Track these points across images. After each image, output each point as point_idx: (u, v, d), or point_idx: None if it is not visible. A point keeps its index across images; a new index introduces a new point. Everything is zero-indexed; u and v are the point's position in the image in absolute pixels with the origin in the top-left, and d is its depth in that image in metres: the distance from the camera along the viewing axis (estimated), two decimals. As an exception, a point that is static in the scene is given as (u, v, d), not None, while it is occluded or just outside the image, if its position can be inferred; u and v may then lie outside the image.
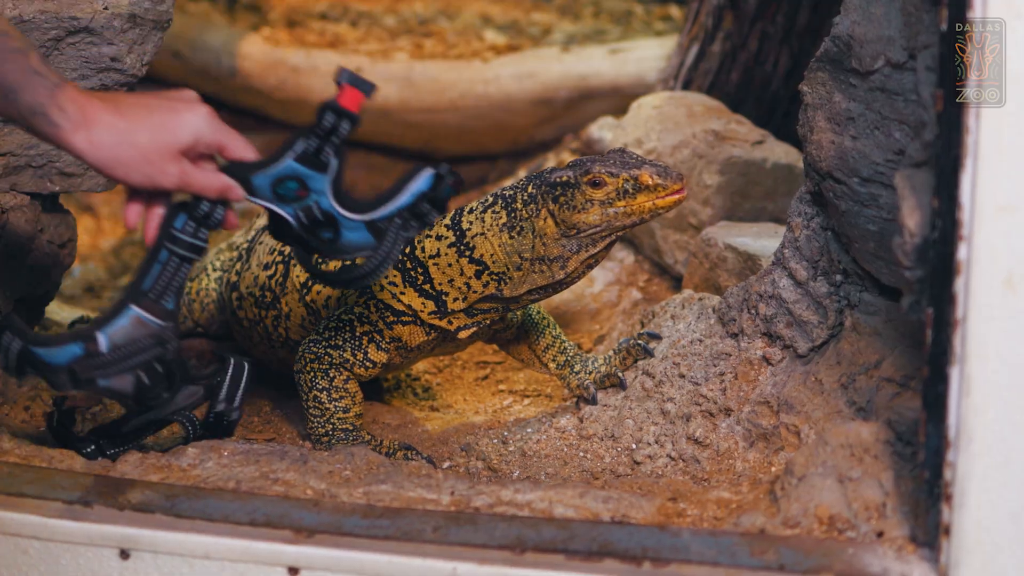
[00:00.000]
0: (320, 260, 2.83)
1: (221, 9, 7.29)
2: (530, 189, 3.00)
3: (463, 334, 3.13)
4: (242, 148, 2.48)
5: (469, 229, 3.06)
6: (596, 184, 2.88)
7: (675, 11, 7.40)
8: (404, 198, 2.57)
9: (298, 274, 3.26)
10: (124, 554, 2.44)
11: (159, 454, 2.74)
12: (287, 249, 3.31)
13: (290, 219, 2.54)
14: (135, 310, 2.51)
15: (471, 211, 3.08)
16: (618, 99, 6.01)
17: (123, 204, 2.49)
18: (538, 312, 3.31)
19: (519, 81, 6.30)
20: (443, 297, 3.09)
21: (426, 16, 7.48)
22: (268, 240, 3.40)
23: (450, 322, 3.11)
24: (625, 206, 2.89)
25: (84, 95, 2.37)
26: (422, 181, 2.57)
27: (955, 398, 2.18)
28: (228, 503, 2.50)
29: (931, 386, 2.26)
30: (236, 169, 2.50)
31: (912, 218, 2.27)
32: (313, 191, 2.53)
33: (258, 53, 6.64)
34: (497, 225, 3.02)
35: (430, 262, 3.09)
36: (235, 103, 6.84)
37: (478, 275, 3.05)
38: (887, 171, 2.69)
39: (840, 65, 2.77)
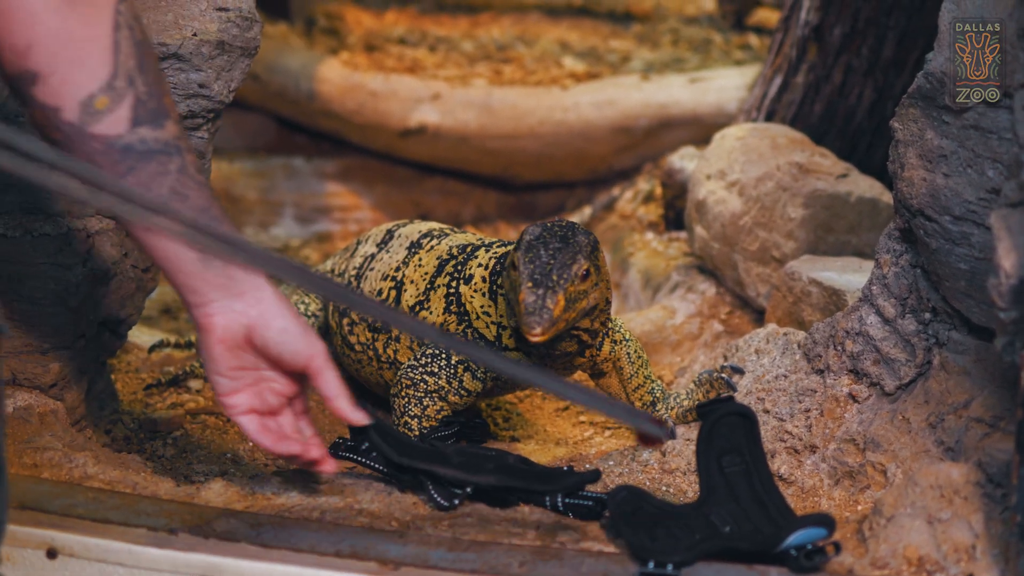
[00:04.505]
0: None
1: (299, 32, 7.34)
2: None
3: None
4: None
5: None
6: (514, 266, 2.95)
7: (754, 40, 7.39)
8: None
9: (407, 299, 3.28)
10: (209, 582, 2.45)
11: (243, 481, 2.76)
12: (399, 274, 3.35)
13: None
14: None
15: None
16: (697, 128, 6.01)
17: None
18: (636, 352, 3.29)
19: (599, 109, 6.30)
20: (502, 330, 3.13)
21: (504, 42, 7.51)
22: (380, 266, 3.41)
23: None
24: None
25: None
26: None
27: (1051, 442, 2.16)
28: (313, 533, 2.50)
29: (1026, 429, 2.24)
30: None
31: (1008, 259, 2.24)
32: None
33: (336, 77, 6.68)
34: None
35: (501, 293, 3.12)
36: (313, 126, 6.89)
37: None
38: (980, 210, 2.67)
39: (933, 102, 2.75)
